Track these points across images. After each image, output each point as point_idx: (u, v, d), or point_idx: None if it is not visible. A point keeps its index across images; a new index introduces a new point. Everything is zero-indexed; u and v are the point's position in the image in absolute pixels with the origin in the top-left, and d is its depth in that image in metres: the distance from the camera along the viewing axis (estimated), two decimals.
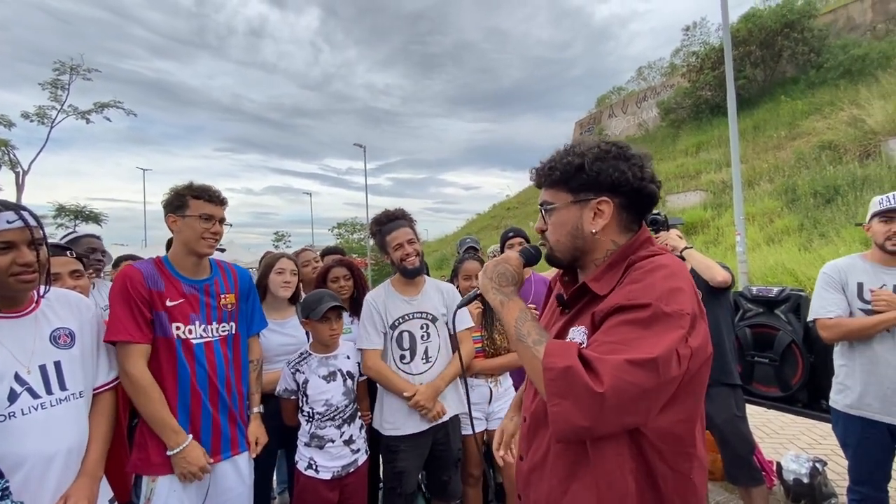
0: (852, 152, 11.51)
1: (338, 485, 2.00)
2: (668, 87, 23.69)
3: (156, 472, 1.61)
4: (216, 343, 1.77)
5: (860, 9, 16.76)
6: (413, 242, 2.19)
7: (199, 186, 1.76)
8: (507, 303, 1.04)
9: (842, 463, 3.40)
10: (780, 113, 15.71)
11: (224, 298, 1.84)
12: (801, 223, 10.31)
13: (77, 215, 24.10)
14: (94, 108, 21.05)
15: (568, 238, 1.06)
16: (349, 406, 2.08)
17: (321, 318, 2.02)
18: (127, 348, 1.57)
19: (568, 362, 0.83)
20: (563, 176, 1.04)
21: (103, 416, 1.46)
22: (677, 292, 0.88)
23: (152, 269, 1.72)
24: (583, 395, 0.80)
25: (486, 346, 2.49)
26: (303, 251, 3.21)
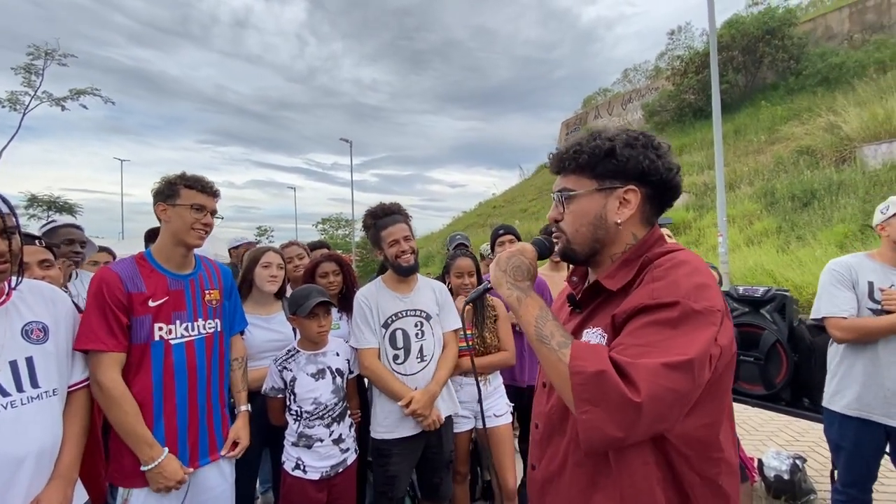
0: (829, 158, 11.84)
1: (326, 485, 1.95)
2: (652, 90, 24.04)
3: (131, 484, 1.54)
4: (199, 342, 1.71)
5: (838, 18, 17.24)
6: (409, 239, 2.14)
7: (193, 176, 1.71)
8: (524, 299, 0.96)
9: (819, 460, 3.50)
10: (760, 118, 16.07)
11: (209, 294, 1.77)
12: (780, 226, 10.56)
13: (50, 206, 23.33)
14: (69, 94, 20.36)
15: (589, 228, 0.99)
16: (338, 404, 2.03)
17: (309, 314, 1.96)
18: (98, 357, 1.49)
19: (599, 366, 0.78)
20: (591, 160, 0.97)
21: (78, 416, 1.38)
22: (704, 288, 0.84)
23: (132, 270, 1.63)
24: (617, 403, 0.75)
25: (476, 344, 2.46)
26: (289, 245, 3.12)
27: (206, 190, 1.70)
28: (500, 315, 2.56)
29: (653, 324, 0.81)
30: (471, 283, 2.51)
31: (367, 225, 2.20)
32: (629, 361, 0.78)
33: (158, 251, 1.71)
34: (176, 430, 1.61)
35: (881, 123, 10.96)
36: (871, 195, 9.73)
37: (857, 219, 9.19)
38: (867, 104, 12.08)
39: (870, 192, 9.82)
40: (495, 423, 2.43)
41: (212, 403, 1.73)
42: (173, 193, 1.67)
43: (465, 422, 2.40)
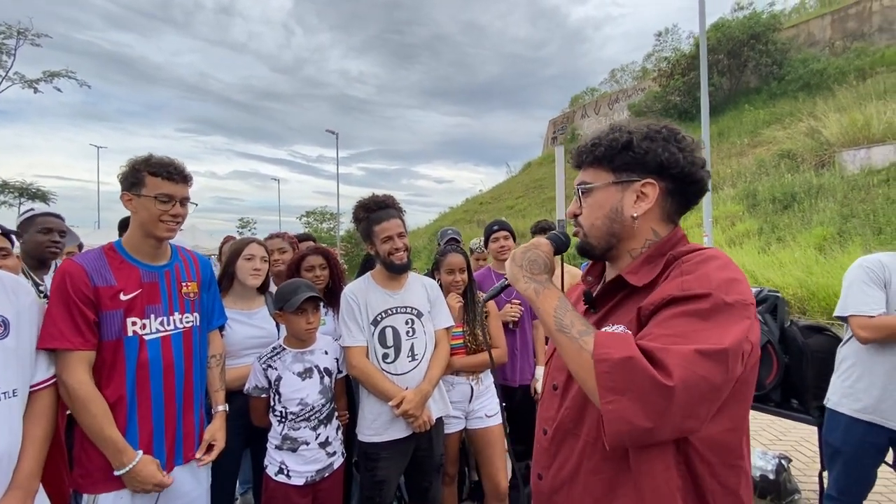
0: (809, 161, 12.11)
1: (310, 490, 1.86)
2: (639, 91, 24.27)
3: (97, 490, 1.43)
4: (176, 337, 1.59)
5: (820, 25, 17.63)
6: (403, 236, 2.04)
7: (158, 161, 1.53)
8: (542, 291, 0.93)
9: (802, 459, 3.54)
10: (743, 121, 16.37)
11: (186, 286, 1.66)
12: (761, 227, 10.77)
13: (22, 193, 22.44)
14: (43, 76, 19.55)
15: (605, 222, 0.96)
16: (326, 406, 1.93)
17: (297, 310, 1.86)
18: (65, 356, 1.38)
19: (627, 352, 0.73)
20: (607, 152, 0.95)
21: (41, 419, 1.27)
22: (735, 282, 0.80)
23: (99, 261, 1.50)
24: (647, 388, 0.71)
25: (468, 342, 2.39)
26: (271, 237, 2.97)
27: (172, 177, 1.53)
28: (492, 312, 2.50)
29: (683, 314, 0.77)
30: (462, 280, 2.43)
31: (358, 217, 2.09)
32: (660, 347, 0.73)
33: (129, 242, 1.58)
34: (151, 431, 1.51)
35: (860, 129, 11.25)
36: (849, 199, 9.99)
37: (835, 222, 9.42)
38: (847, 110, 12.39)
39: (848, 196, 10.08)
40: (487, 424, 2.37)
41: (189, 403, 1.62)
42: (138, 181, 1.52)
43: (455, 422, 2.34)
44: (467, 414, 2.38)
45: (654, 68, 24.31)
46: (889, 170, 10.12)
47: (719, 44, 17.43)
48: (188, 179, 1.60)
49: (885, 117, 11.09)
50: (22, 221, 2.40)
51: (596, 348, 0.77)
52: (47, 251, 2.37)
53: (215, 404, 1.77)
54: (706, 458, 0.82)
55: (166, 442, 1.54)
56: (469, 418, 2.38)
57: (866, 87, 13.44)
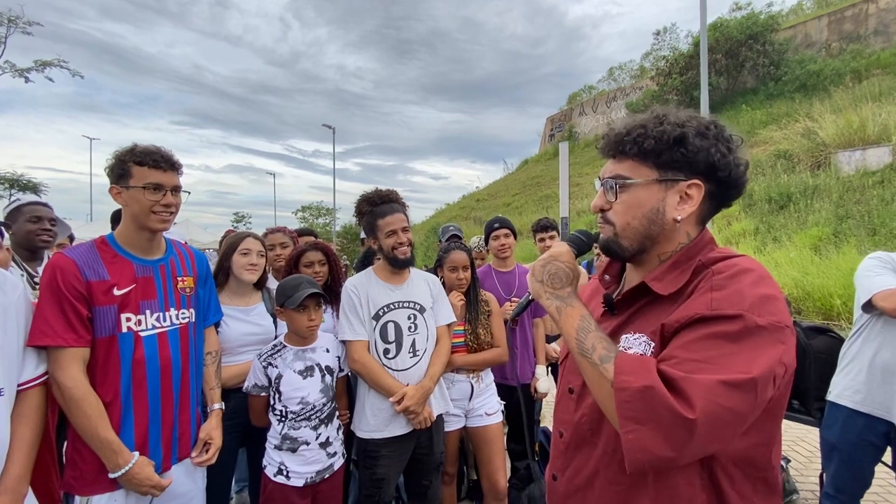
0: (805, 162, 12.16)
1: (310, 492, 1.82)
2: (637, 90, 24.29)
3: (90, 491, 1.38)
4: (172, 333, 1.55)
5: (817, 27, 17.69)
6: (407, 231, 2.02)
7: (143, 150, 1.47)
8: (564, 309, 0.89)
9: (799, 459, 3.55)
10: (739, 121, 16.39)
11: (182, 281, 1.61)
12: (757, 227, 10.81)
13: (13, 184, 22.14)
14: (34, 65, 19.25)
15: (642, 222, 0.88)
16: (327, 405, 1.89)
17: (299, 307, 1.82)
18: (57, 354, 1.32)
19: (647, 381, 0.70)
20: (657, 146, 0.85)
21: (29, 420, 1.22)
22: (770, 301, 0.75)
23: (91, 255, 1.44)
24: (668, 420, 0.68)
25: (470, 340, 2.36)
26: (273, 231, 2.92)
27: (159, 164, 1.47)
28: (494, 311, 2.47)
29: (711, 337, 0.73)
30: (465, 278, 2.40)
31: (361, 211, 2.06)
32: (683, 376, 0.70)
33: (122, 235, 1.53)
34: (147, 430, 1.46)
35: (855, 131, 11.30)
36: (844, 200, 10.04)
37: (830, 222, 9.47)
38: (843, 111, 12.43)
39: (843, 197, 10.14)
40: (487, 422, 2.34)
41: (186, 401, 1.58)
42: (125, 173, 1.46)
43: (454, 420, 2.31)
44: (467, 412, 2.35)
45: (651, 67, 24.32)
46: (884, 171, 10.18)
47: (717, 44, 17.44)
48: (177, 167, 1.54)
49: (880, 119, 11.16)
50: (9, 212, 2.33)
51: (616, 375, 0.74)
52: (38, 240, 2.31)
53: (211, 402, 1.72)
54: (731, 472, 0.80)
55: (162, 441, 1.50)
56: (469, 416, 2.36)
57: (862, 88, 13.50)
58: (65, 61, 19.75)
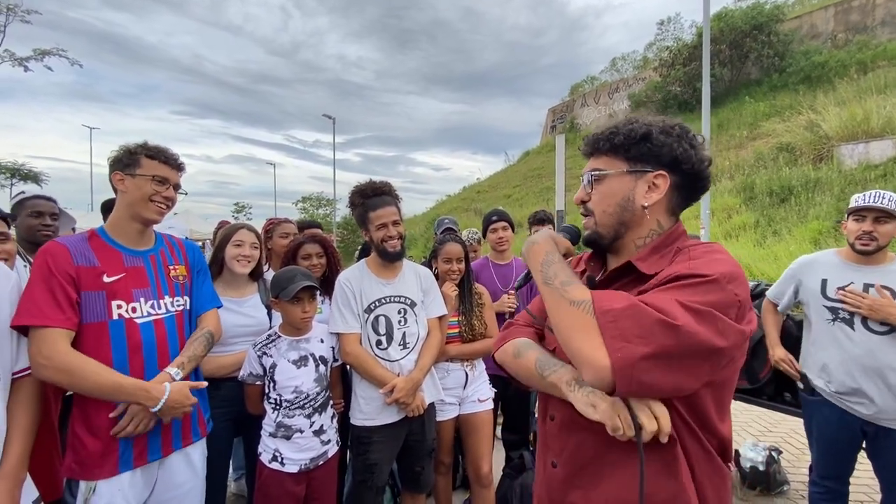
0: (807, 155, 12.09)
1: (305, 478, 1.86)
2: (640, 80, 24.08)
3: (95, 477, 1.40)
4: (169, 320, 1.57)
5: (823, 17, 17.46)
6: (398, 224, 2.03)
7: (156, 146, 1.58)
8: (531, 248, 1.00)
9: (792, 451, 3.59)
10: (742, 113, 16.29)
11: (174, 270, 1.64)
12: (757, 220, 10.78)
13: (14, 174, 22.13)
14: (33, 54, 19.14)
15: (616, 209, 0.99)
16: (321, 394, 1.92)
17: (293, 299, 1.84)
18: (42, 333, 1.29)
19: (629, 301, 0.78)
20: (626, 142, 0.97)
21: (25, 407, 1.24)
22: (737, 277, 0.85)
23: (82, 244, 1.47)
24: (655, 330, 0.74)
25: (464, 331, 2.39)
26: (283, 221, 2.91)
27: (169, 161, 1.57)
28: (486, 303, 2.50)
29: (685, 286, 0.82)
30: (459, 269, 2.42)
31: (354, 203, 2.07)
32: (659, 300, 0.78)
33: (112, 226, 1.55)
34: None
35: (859, 124, 11.21)
36: (846, 193, 9.99)
37: (831, 216, 9.43)
38: (847, 104, 12.33)
39: (844, 191, 10.09)
40: (479, 409, 2.38)
41: None
42: (133, 162, 1.52)
43: (449, 409, 2.34)
44: (462, 400, 2.38)
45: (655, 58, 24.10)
46: (887, 165, 10.12)
47: (722, 34, 17.25)
48: (181, 167, 1.63)
49: (884, 112, 11.06)
50: (14, 205, 2.37)
51: (597, 303, 0.80)
52: (39, 234, 2.34)
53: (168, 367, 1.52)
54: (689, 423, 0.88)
55: (162, 428, 1.52)
56: (463, 404, 2.39)
57: (867, 80, 13.36)
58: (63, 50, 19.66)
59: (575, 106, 28.48)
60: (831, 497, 2.14)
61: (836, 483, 2.13)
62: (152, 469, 1.52)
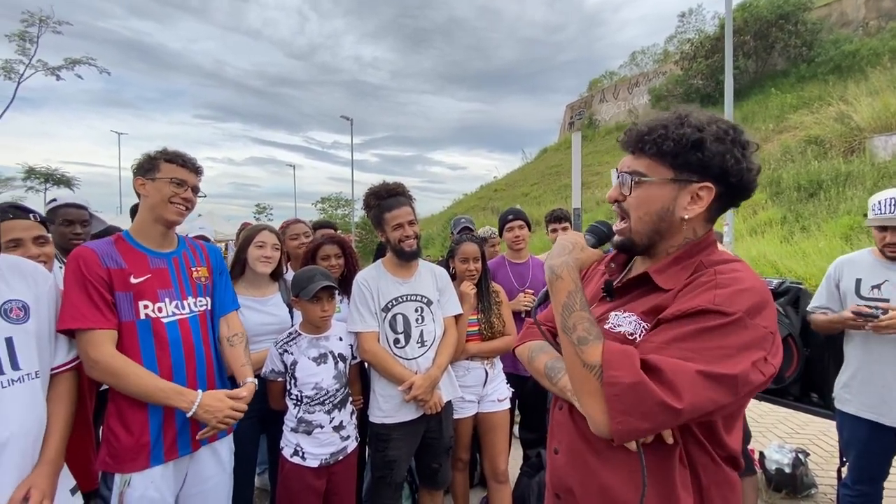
0: (837, 148, 11.66)
1: (325, 472, 1.90)
2: (660, 74, 23.61)
3: (128, 470, 1.47)
4: (193, 319, 1.63)
5: (854, 4, 16.79)
6: (413, 224, 2.06)
7: (174, 151, 1.65)
8: (555, 282, 0.92)
9: (820, 453, 3.49)
10: (768, 105, 15.80)
11: (196, 271, 1.70)
12: (784, 216, 10.46)
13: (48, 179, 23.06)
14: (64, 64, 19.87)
15: (653, 218, 0.94)
16: (340, 390, 1.97)
17: (312, 298, 1.88)
18: (89, 336, 1.40)
19: (635, 377, 0.76)
20: (675, 149, 0.89)
21: (63, 400, 1.31)
22: (764, 306, 0.82)
23: (109, 247, 1.54)
24: (656, 411, 0.74)
25: (483, 329, 2.40)
26: (294, 223, 3.01)
27: (186, 165, 1.63)
28: (503, 301, 2.52)
29: (707, 331, 0.79)
30: (475, 269, 2.44)
31: (369, 205, 2.11)
32: (670, 367, 0.76)
33: (137, 230, 1.63)
34: (174, 413, 1.54)
35: (893, 114, 10.77)
36: (879, 187, 9.59)
37: (863, 210, 9.04)
38: (880, 94, 11.84)
39: (878, 185, 9.69)
40: (497, 408, 2.39)
41: (212, 385, 1.66)
42: (153, 167, 1.59)
43: (468, 406, 2.36)
44: (481, 398, 2.40)
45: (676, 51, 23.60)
46: None
47: (746, 24, 16.76)
48: (199, 171, 1.69)
49: None
50: (47, 212, 2.48)
51: (605, 369, 0.78)
52: (71, 243, 2.45)
53: (243, 378, 1.71)
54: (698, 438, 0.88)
55: (190, 423, 1.58)
56: (482, 402, 2.40)
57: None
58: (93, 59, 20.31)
59: (593, 102, 28.10)
60: (864, 501, 2.09)
61: (870, 487, 2.08)
62: (183, 463, 1.58)
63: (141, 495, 1.46)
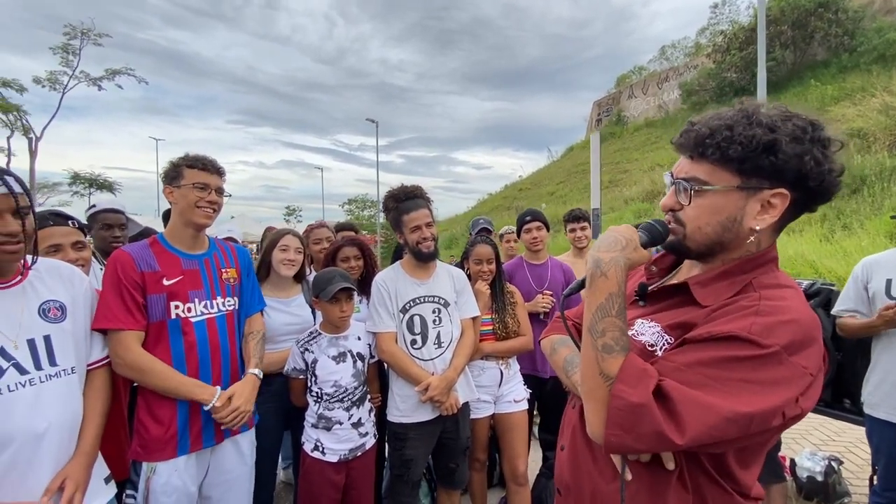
0: (882, 141, 11.05)
1: (344, 467, 1.97)
2: (691, 68, 22.92)
3: (156, 459, 1.57)
4: (220, 319, 1.72)
5: None
6: (431, 225, 2.10)
7: (194, 156, 1.72)
8: (596, 279, 0.83)
9: (856, 461, 3.34)
10: (808, 98, 15.09)
11: (226, 272, 1.79)
12: (824, 213, 9.97)
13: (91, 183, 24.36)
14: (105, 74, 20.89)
15: (717, 229, 0.83)
16: (358, 388, 2.03)
17: (331, 299, 1.95)
18: (118, 336, 1.50)
19: (642, 399, 0.72)
20: (743, 153, 0.78)
21: (99, 393, 1.40)
22: (808, 344, 0.74)
23: (144, 251, 1.65)
24: (652, 438, 0.72)
25: (498, 329, 2.42)
26: (318, 227, 3.10)
27: (207, 168, 1.70)
28: (518, 301, 2.52)
29: (734, 360, 0.72)
30: (489, 270, 2.46)
31: (388, 207, 2.15)
32: (682, 399, 0.71)
33: (170, 234, 1.73)
34: (200, 407, 1.62)
35: None
36: None
37: None
38: None
39: None
40: (514, 409, 2.40)
41: (235, 380, 1.73)
42: (177, 175, 1.68)
43: (485, 407, 2.38)
44: (497, 398, 2.41)
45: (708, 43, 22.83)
46: None
47: (783, 14, 16.09)
48: (221, 172, 1.76)
49: None
50: (87, 217, 2.67)
51: (617, 382, 0.75)
52: (111, 245, 2.62)
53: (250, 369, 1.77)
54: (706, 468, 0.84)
55: (203, 420, 1.65)
56: (498, 402, 2.42)
57: None
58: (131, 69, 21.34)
59: (621, 98, 27.52)
60: None
61: None
62: (205, 455, 1.67)
63: (165, 482, 1.56)
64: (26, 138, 19.69)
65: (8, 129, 19.50)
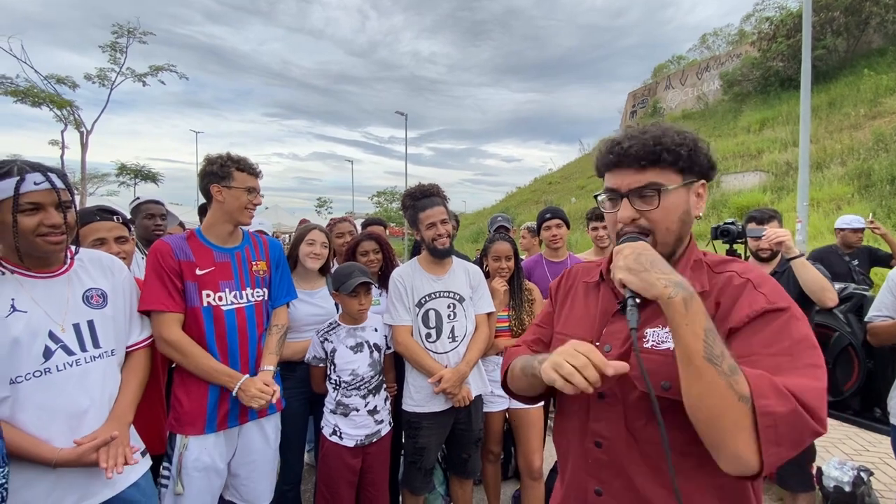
0: None
1: (360, 452, 2.06)
2: (733, 57, 21.89)
3: (187, 432, 1.71)
4: (249, 309, 1.84)
5: None
6: (446, 222, 2.15)
7: (244, 159, 1.85)
8: (691, 303, 0.78)
9: (890, 473, 3.20)
10: (860, 88, 14.21)
11: (256, 265, 1.90)
12: (874, 212, 9.40)
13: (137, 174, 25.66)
14: (149, 70, 21.82)
15: (678, 225, 0.95)
16: (375, 377, 2.12)
17: (350, 293, 2.04)
18: (161, 317, 1.66)
19: (789, 405, 0.73)
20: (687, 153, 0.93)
21: (135, 371, 1.53)
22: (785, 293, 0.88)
23: (181, 242, 1.79)
24: (807, 434, 0.75)
25: (514, 326, 2.45)
26: (340, 221, 3.22)
27: (255, 173, 1.86)
28: (536, 299, 2.53)
29: (779, 330, 0.82)
30: (507, 267, 2.48)
31: (405, 205, 2.23)
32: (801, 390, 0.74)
33: (207, 228, 1.85)
34: (228, 391, 1.75)
35: None
36: None
37: None
38: None
39: None
40: (530, 405, 2.42)
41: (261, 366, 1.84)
42: (227, 175, 1.79)
43: (499, 401, 2.42)
44: None
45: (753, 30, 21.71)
46: None
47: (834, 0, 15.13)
48: (261, 175, 1.92)
49: None
50: (131, 209, 2.88)
51: (756, 398, 0.73)
52: (153, 234, 2.81)
53: (264, 364, 1.84)
54: None
55: (230, 403, 1.77)
56: None
57: None
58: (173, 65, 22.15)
59: (658, 89, 26.62)
60: None
61: None
62: (233, 435, 1.80)
63: (196, 458, 1.70)
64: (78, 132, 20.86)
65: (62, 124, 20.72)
